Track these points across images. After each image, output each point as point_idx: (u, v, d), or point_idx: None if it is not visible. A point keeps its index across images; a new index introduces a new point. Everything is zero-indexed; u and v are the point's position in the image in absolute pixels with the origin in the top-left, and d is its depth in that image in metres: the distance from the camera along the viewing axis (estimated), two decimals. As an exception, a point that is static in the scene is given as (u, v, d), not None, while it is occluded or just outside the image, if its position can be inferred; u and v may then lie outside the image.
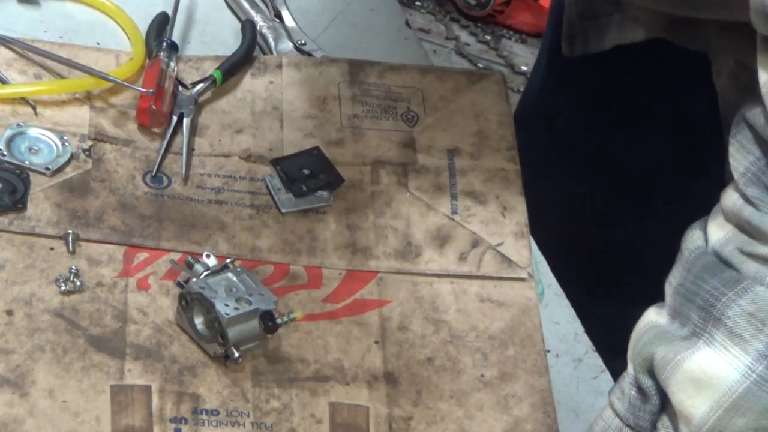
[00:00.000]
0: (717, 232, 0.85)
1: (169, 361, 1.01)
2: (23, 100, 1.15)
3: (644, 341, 0.86)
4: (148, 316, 1.04)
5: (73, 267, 1.05)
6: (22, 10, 1.26)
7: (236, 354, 1.01)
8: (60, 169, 1.11)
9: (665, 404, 0.86)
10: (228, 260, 1.05)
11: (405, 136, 1.22)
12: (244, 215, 1.13)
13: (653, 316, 0.88)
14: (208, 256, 1.05)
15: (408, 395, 1.04)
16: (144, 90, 1.16)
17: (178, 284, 1.06)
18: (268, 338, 1.04)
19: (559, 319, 1.15)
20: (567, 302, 1.17)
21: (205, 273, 1.04)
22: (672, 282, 0.87)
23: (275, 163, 1.16)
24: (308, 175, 1.16)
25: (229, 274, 1.04)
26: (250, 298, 1.02)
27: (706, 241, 0.86)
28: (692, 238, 0.87)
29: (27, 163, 1.11)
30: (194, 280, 1.03)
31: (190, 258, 1.06)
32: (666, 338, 0.85)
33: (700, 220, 0.88)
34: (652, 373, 0.85)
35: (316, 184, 1.15)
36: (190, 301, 1.02)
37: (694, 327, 0.83)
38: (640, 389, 0.87)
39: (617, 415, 0.88)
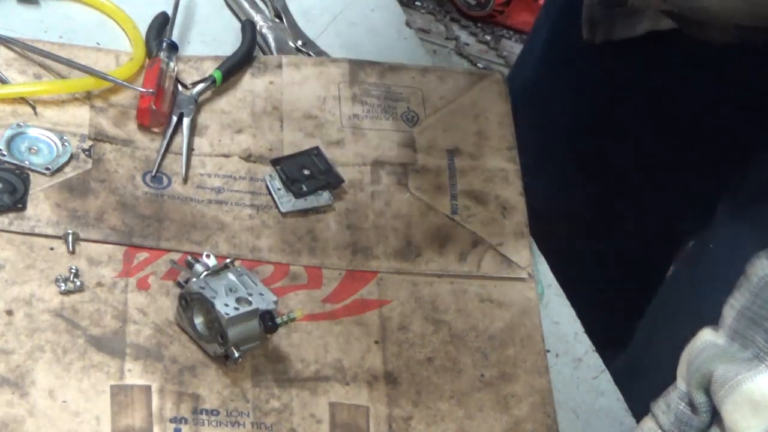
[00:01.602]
0: None
1: (169, 361, 1.01)
2: (23, 100, 1.15)
3: (702, 358, 0.86)
4: (148, 316, 1.04)
5: (73, 267, 1.05)
6: (22, 10, 1.26)
7: (236, 354, 1.01)
8: (60, 169, 1.11)
9: (713, 422, 0.86)
10: (228, 260, 1.05)
11: (405, 136, 1.22)
12: (244, 215, 1.13)
13: (710, 336, 0.88)
14: (208, 256, 1.05)
15: (408, 395, 1.04)
16: (144, 90, 1.16)
17: (178, 284, 1.05)
18: (268, 338, 1.04)
19: (559, 319, 1.15)
20: (567, 302, 1.17)
21: (205, 273, 1.04)
22: (735, 305, 0.87)
23: (275, 163, 1.16)
24: (308, 175, 1.16)
25: (229, 274, 1.04)
26: (250, 298, 1.02)
27: None
28: (761, 266, 0.86)
29: (27, 163, 1.11)
30: (194, 280, 1.03)
31: (190, 258, 1.06)
32: (726, 358, 0.85)
33: (766, 249, 0.88)
34: (707, 390, 0.85)
35: (316, 184, 1.15)
36: (190, 301, 1.02)
37: (758, 350, 0.83)
38: (691, 405, 0.86)
39: (661, 428, 0.88)
